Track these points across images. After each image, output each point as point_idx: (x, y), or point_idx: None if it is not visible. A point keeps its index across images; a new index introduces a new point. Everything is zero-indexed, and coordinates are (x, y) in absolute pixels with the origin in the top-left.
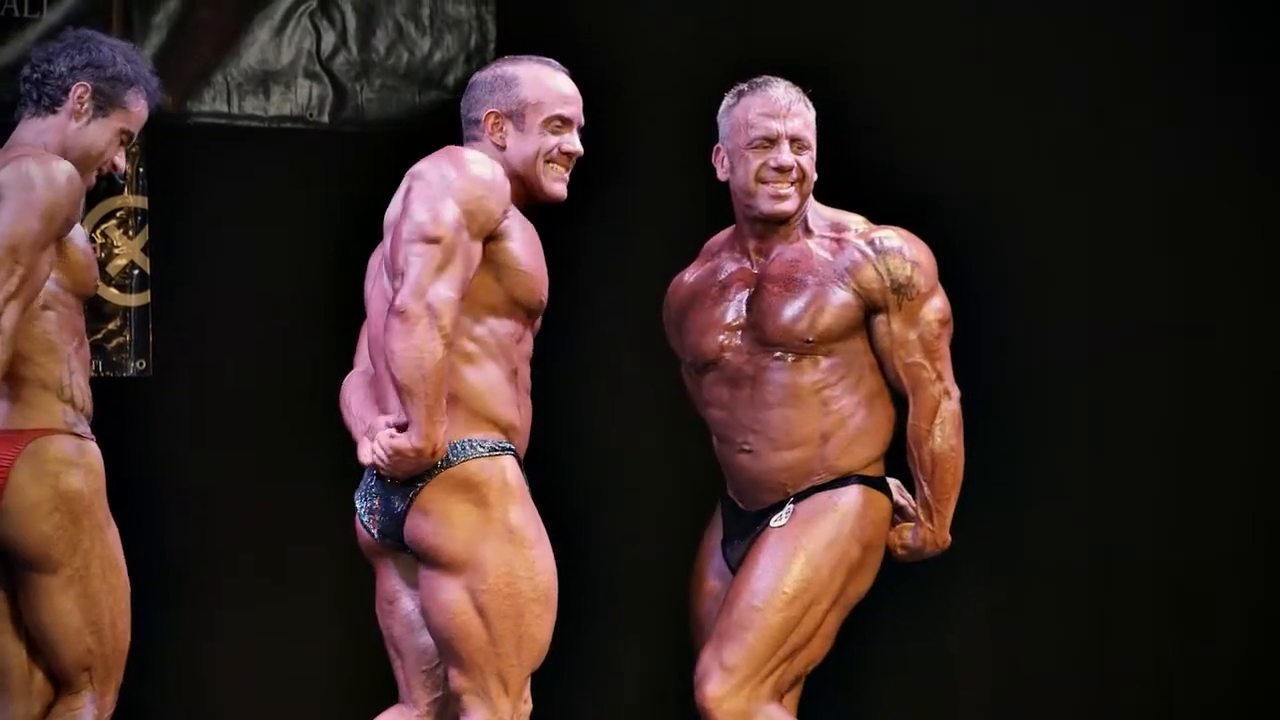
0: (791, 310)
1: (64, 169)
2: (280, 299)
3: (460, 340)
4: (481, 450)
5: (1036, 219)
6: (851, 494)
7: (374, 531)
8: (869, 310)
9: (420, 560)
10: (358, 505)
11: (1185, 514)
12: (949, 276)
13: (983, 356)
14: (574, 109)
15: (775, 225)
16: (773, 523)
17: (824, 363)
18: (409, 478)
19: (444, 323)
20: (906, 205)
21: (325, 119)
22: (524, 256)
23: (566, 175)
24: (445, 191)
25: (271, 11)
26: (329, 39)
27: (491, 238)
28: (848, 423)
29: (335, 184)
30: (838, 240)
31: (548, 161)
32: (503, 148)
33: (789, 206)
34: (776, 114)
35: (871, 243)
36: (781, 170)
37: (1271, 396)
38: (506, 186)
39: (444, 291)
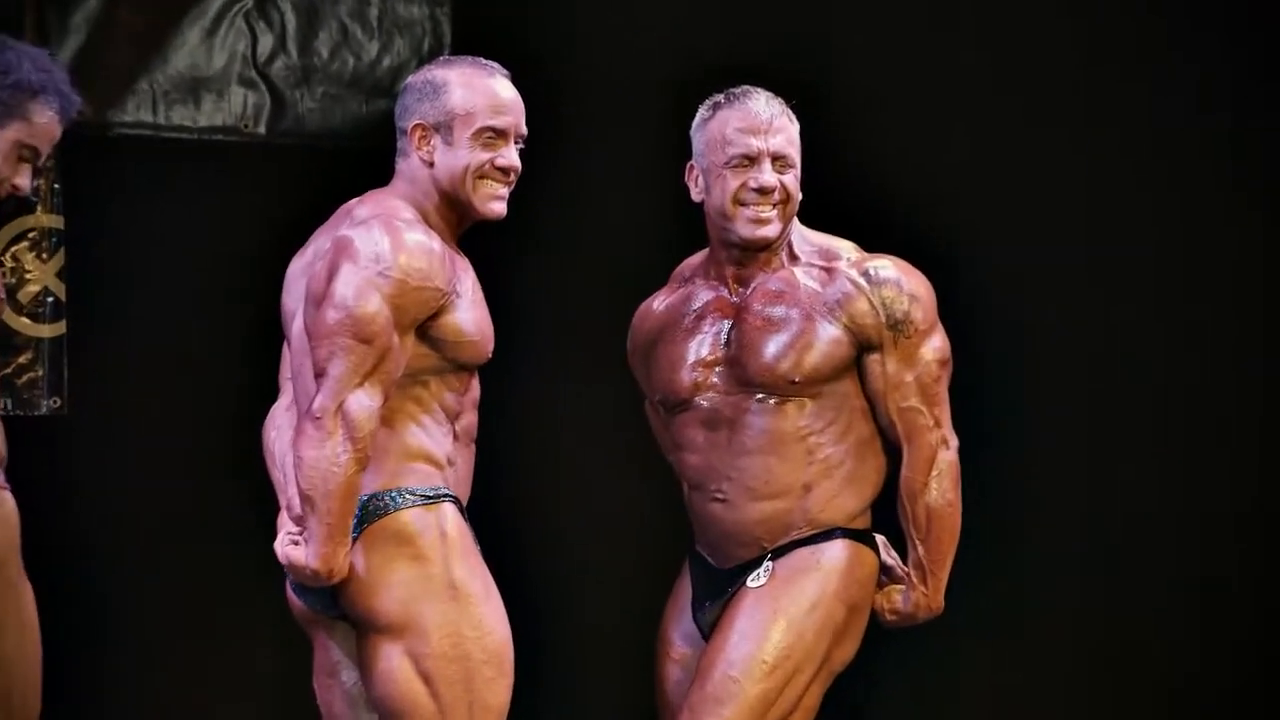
0: (775, 347)
1: None
2: (210, 330)
3: (395, 401)
4: (415, 499)
5: (1038, 244)
6: (835, 550)
7: (306, 597)
8: (861, 348)
9: (356, 626)
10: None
11: (1193, 560)
12: (946, 310)
13: (981, 396)
14: (509, 119)
15: (756, 252)
16: (749, 582)
17: (810, 406)
18: None
19: (361, 435)
20: (902, 230)
21: (262, 130)
22: (467, 324)
23: (504, 191)
24: (377, 280)
25: (202, 11)
26: (266, 42)
27: (430, 316)
28: (833, 473)
29: (273, 202)
30: (827, 269)
31: (479, 178)
32: (430, 164)
33: (771, 232)
34: (757, 129)
35: (865, 273)
36: (763, 191)
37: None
38: (445, 263)
39: (365, 400)
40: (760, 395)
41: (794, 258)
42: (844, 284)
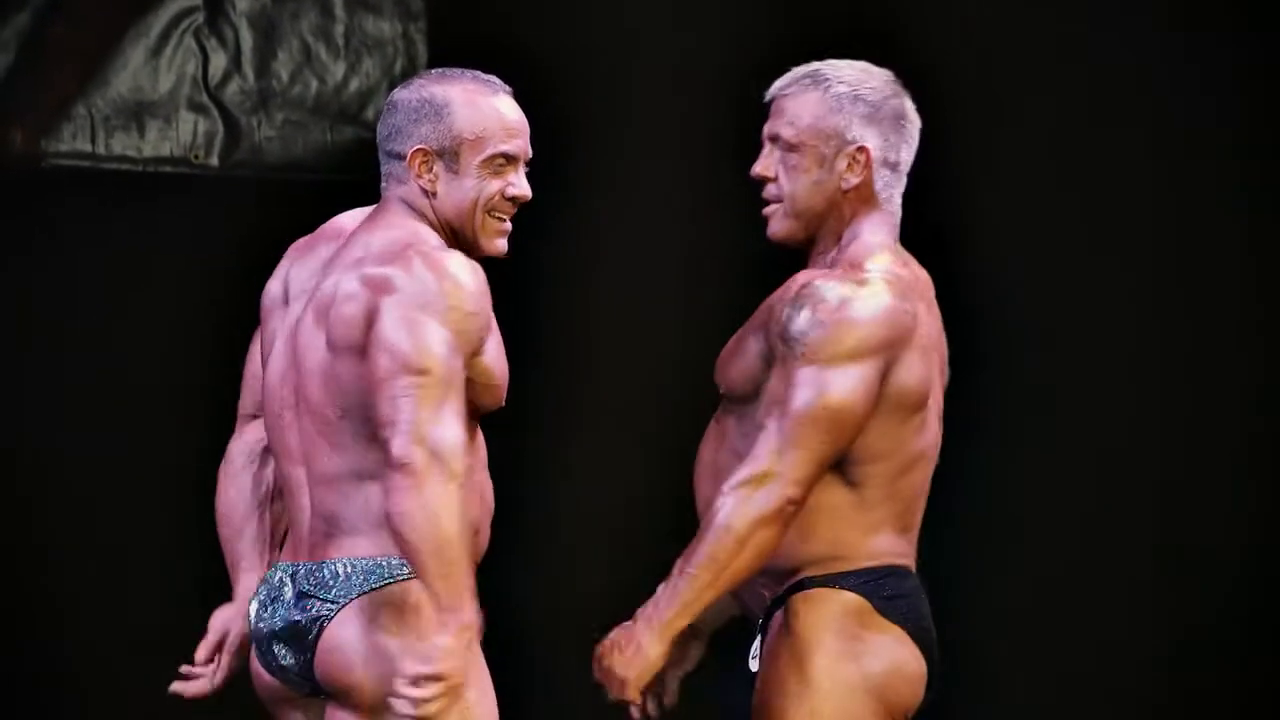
0: (725, 350)
1: None
2: (155, 384)
3: None
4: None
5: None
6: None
7: (278, 669)
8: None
9: (333, 704)
10: (255, 636)
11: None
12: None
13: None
14: (520, 142)
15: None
16: (752, 665)
17: (735, 427)
18: (327, 600)
19: (456, 468)
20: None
21: (214, 161)
22: (495, 366)
23: (509, 225)
24: (429, 310)
25: (146, 27)
26: (219, 62)
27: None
28: None
29: (226, 241)
30: None
31: (488, 211)
32: (433, 194)
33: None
34: None
35: (809, 283)
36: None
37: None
38: (488, 295)
39: (450, 432)
40: (722, 408)
41: (832, 263)
42: (788, 291)
